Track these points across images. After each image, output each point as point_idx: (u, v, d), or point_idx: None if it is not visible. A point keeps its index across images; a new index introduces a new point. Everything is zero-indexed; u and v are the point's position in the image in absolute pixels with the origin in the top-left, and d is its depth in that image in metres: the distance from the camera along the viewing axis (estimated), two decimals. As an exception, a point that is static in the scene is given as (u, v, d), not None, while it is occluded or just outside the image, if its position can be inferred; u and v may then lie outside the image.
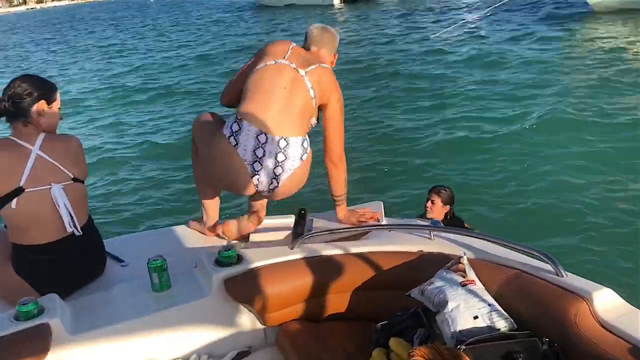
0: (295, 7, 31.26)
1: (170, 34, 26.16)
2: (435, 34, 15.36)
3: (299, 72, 2.62)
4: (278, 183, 2.63)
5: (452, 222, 4.30)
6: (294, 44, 2.75)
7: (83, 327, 2.12)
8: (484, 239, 2.29)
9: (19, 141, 2.44)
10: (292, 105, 2.61)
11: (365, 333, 2.15)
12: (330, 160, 2.77)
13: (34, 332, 2.00)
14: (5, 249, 2.54)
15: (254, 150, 2.57)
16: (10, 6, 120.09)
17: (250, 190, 2.68)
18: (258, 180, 2.61)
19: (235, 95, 2.75)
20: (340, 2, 30.88)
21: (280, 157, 2.58)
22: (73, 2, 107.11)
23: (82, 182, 2.59)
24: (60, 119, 2.62)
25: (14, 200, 2.38)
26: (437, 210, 4.34)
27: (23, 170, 2.40)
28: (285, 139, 2.58)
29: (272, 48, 2.72)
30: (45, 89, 2.53)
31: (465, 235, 2.35)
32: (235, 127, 2.58)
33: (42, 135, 2.48)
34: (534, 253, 2.04)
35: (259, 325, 2.33)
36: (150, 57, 19.13)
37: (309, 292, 2.29)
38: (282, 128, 2.58)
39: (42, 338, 1.98)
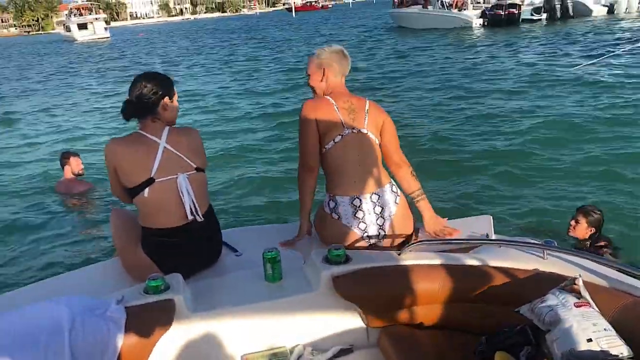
0: (432, 29, 30.65)
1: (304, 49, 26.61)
2: (579, 65, 14.19)
3: (361, 132, 2.86)
4: (384, 232, 2.87)
5: (596, 244, 4.24)
6: (331, 99, 2.87)
7: (201, 306, 2.29)
8: (600, 263, 2.21)
9: (147, 135, 2.66)
10: (371, 163, 2.87)
11: (468, 345, 2.15)
12: (392, 162, 2.97)
13: (160, 305, 2.19)
14: (136, 230, 2.78)
15: (353, 215, 2.84)
16: (168, 16, 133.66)
17: (362, 245, 2.88)
18: (367, 234, 2.85)
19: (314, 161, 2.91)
20: (480, 25, 30.04)
21: (377, 209, 2.84)
22: (222, 15, 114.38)
23: (203, 171, 2.78)
24: (178, 109, 2.82)
25: (146, 190, 2.61)
26: (580, 230, 4.29)
27: (153, 162, 2.61)
28: (374, 194, 2.85)
29: (321, 114, 2.83)
30: (167, 86, 2.72)
31: (581, 256, 2.27)
32: (332, 204, 2.87)
33: (166, 129, 2.69)
34: None
35: (363, 325, 2.39)
36: (278, 72, 19.68)
37: (414, 298, 2.33)
38: (368, 187, 2.84)
39: (167, 311, 2.17)
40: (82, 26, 64.88)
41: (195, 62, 25.04)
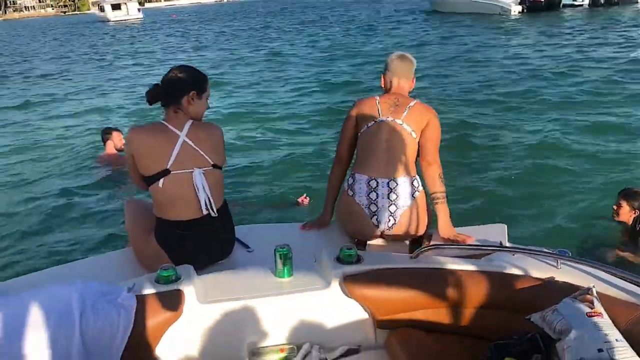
0: (469, 14, 30.00)
1: (341, 36, 26.19)
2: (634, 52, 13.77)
3: (396, 122, 3.00)
4: (394, 221, 2.94)
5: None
6: (378, 96, 3.12)
7: (210, 298, 2.30)
8: (615, 274, 2.19)
9: (169, 126, 2.68)
10: (397, 152, 2.96)
11: (476, 350, 2.13)
12: (424, 159, 2.98)
13: (171, 295, 2.20)
14: (149, 221, 2.81)
15: (367, 195, 2.96)
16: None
17: (371, 230, 3.00)
18: (377, 219, 2.96)
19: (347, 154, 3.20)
20: (519, 12, 29.01)
21: (392, 196, 2.92)
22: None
23: (220, 168, 2.80)
24: (208, 108, 2.84)
25: (161, 180, 2.64)
26: (624, 214, 4.33)
27: (171, 153, 2.64)
28: (393, 180, 2.93)
29: (363, 109, 3.10)
30: (198, 81, 2.76)
31: (595, 267, 2.25)
32: (350, 180, 3.04)
33: (189, 123, 2.70)
34: None
35: (372, 326, 2.38)
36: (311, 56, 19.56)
37: (425, 301, 2.31)
38: (388, 172, 2.94)
39: (177, 301, 2.18)
40: (116, 6, 65.79)
41: (228, 48, 24.86)
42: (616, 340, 1.81)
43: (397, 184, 2.93)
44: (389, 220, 2.95)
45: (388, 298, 2.29)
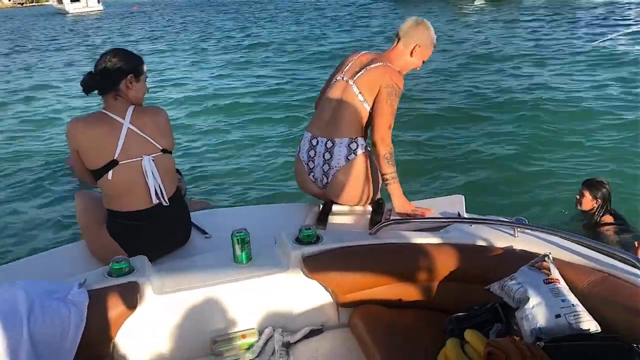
0: (433, 2, 29.98)
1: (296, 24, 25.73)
2: (595, 41, 13.66)
3: (348, 82, 2.92)
4: (328, 179, 2.97)
5: (600, 217, 4.33)
6: (362, 53, 3.03)
7: (167, 288, 2.23)
8: (571, 239, 2.21)
9: (110, 114, 2.55)
10: (342, 113, 2.91)
11: (439, 323, 2.14)
12: (373, 139, 2.90)
13: (124, 288, 2.13)
14: (101, 213, 2.71)
15: (307, 152, 3.00)
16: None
17: (312, 187, 3.06)
18: (314, 176, 3.01)
19: None
20: (483, 1, 29.05)
21: (327, 155, 2.94)
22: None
23: (170, 153, 2.69)
24: (147, 90, 2.71)
25: (110, 172, 2.51)
26: (586, 203, 4.39)
27: (116, 143, 2.52)
28: (331, 140, 2.92)
29: (340, 63, 3.06)
30: (134, 63, 2.61)
31: (551, 233, 2.27)
32: (302, 138, 3.07)
33: (131, 108, 2.58)
34: (624, 257, 1.96)
35: (334, 305, 2.36)
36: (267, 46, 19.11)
37: (385, 277, 2.30)
38: (329, 132, 2.93)
39: (131, 294, 2.11)
40: None
41: (180, 40, 24.22)
42: (573, 305, 1.83)
43: (333, 144, 2.92)
44: (323, 178, 2.99)
45: (348, 276, 2.27)
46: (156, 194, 2.59)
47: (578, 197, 4.43)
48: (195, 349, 2.26)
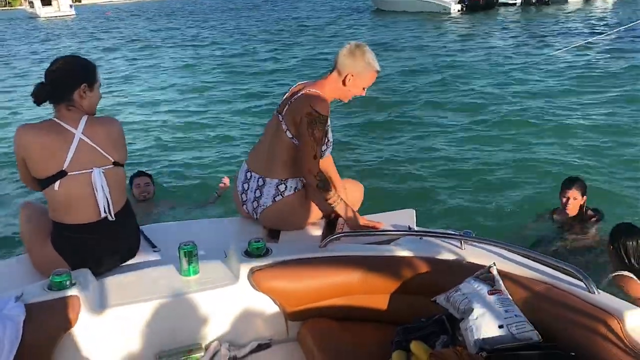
0: (411, 13, 30.31)
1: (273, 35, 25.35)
2: (558, 49, 14.13)
3: (279, 117, 2.86)
4: (257, 215, 2.99)
5: (586, 216, 4.18)
6: (298, 83, 2.95)
7: (110, 302, 2.17)
8: (516, 252, 2.25)
9: (62, 124, 2.46)
10: (274, 151, 2.88)
11: (387, 335, 2.14)
12: (301, 173, 2.83)
13: (64, 302, 2.05)
14: (46, 225, 2.62)
15: (242, 183, 3.01)
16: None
17: (246, 216, 3.09)
18: (246, 208, 3.03)
19: None
20: (459, 11, 29.77)
21: (257, 193, 2.95)
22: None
23: (122, 166, 2.63)
24: (100, 97, 2.64)
25: (57, 183, 2.43)
26: (576, 203, 4.15)
27: (67, 153, 2.43)
28: (262, 179, 2.91)
29: (286, 92, 2.97)
30: (87, 72, 2.53)
31: (497, 245, 2.31)
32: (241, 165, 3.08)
33: (84, 118, 2.50)
34: (567, 269, 2.00)
35: (282, 319, 2.34)
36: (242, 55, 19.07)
37: (334, 290, 2.29)
38: (262, 169, 2.92)
39: (71, 308, 2.04)
40: (46, 2, 62.19)
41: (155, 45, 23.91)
42: (515, 315, 1.86)
43: (264, 183, 2.90)
44: (254, 213, 2.99)
45: (297, 289, 2.25)
46: (104, 208, 2.52)
47: (565, 200, 4.15)
48: None
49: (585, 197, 4.19)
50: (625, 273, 3.14)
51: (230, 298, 2.27)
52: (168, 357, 2.20)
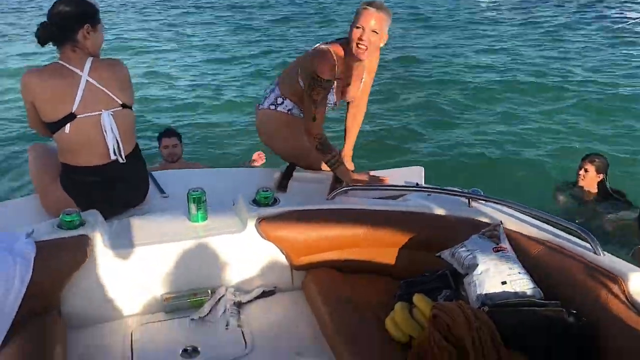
0: None
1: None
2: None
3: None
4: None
5: (606, 193, 4.22)
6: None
7: (120, 244, 2.20)
8: (523, 211, 2.25)
9: (68, 66, 2.44)
10: (291, 77, 2.93)
11: (390, 289, 2.17)
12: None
13: (74, 241, 2.08)
14: (55, 166, 2.63)
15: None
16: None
17: None
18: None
19: None
20: None
21: (267, 92, 3.06)
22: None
23: (130, 108, 2.62)
24: (103, 40, 2.60)
25: (67, 126, 2.43)
26: (590, 179, 4.25)
27: (74, 96, 2.42)
28: (277, 86, 3.02)
29: None
30: (90, 12, 2.50)
31: (505, 205, 2.31)
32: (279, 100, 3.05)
33: (89, 60, 2.47)
34: (574, 229, 2.00)
35: (288, 267, 2.37)
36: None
37: (340, 242, 2.31)
38: (280, 80, 3.03)
39: (82, 247, 2.07)
40: None
41: None
42: (519, 272, 1.88)
43: (274, 90, 3.03)
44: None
45: (303, 239, 2.27)
46: (114, 150, 2.52)
47: (581, 172, 4.26)
48: (146, 305, 2.24)
49: (601, 175, 4.22)
50: None
51: (237, 245, 2.30)
52: (175, 299, 2.25)
